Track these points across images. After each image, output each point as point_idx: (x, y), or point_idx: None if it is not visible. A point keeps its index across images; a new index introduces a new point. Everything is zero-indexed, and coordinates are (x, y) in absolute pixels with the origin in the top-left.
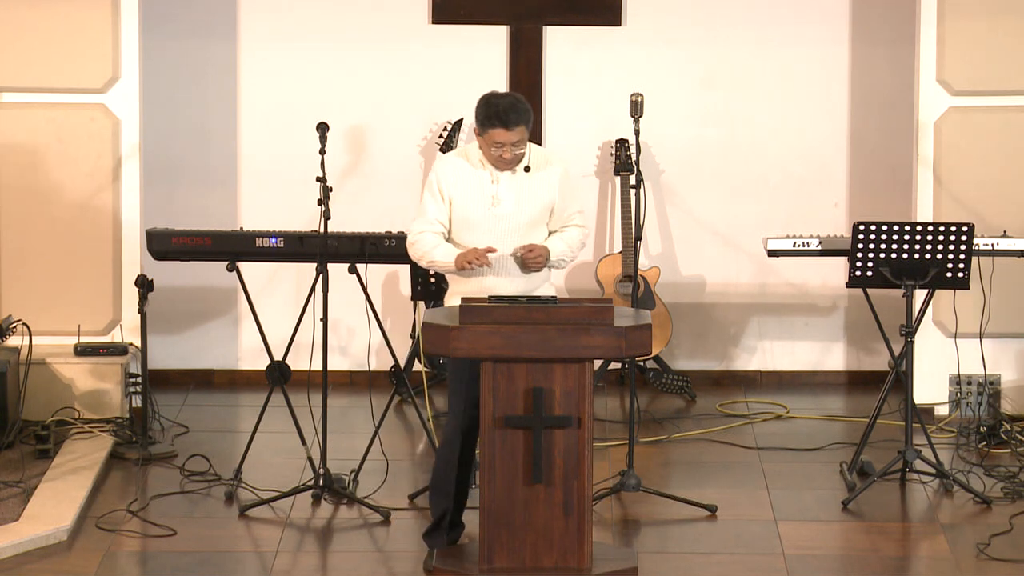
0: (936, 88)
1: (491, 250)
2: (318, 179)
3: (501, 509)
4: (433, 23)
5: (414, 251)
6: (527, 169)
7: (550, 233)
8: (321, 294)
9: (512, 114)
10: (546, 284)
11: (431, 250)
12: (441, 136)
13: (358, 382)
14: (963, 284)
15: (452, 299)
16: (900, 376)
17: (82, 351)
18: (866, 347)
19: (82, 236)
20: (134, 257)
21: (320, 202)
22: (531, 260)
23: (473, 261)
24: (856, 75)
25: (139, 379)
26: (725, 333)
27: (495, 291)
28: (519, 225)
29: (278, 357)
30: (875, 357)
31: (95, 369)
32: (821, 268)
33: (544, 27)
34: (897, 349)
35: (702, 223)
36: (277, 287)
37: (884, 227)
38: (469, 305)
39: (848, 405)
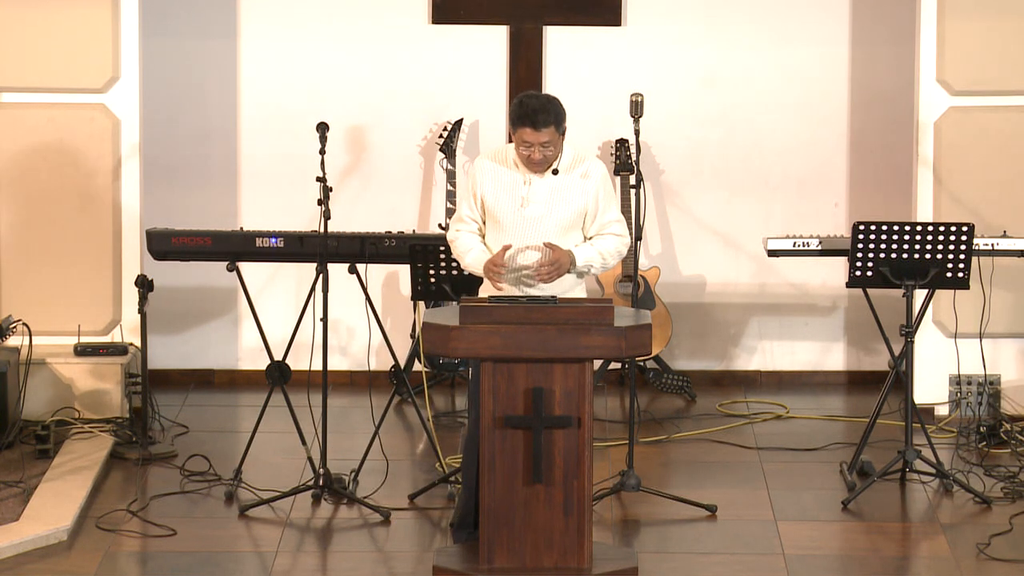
0: (936, 88)
1: (506, 247)
2: (318, 179)
3: (501, 509)
4: (433, 23)
5: (452, 249)
6: (555, 172)
7: (586, 239)
8: (321, 294)
9: (541, 115)
10: (578, 287)
11: (464, 254)
12: (441, 136)
13: (358, 382)
14: (963, 284)
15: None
16: (900, 376)
17: (82, 351)
18: (866, 347)
19: (82, 236)
20: (134, 257)
21: (320, 202)
22: (543, 273)
23: (492, 269)
24: (856, 75)
25: (139, 379)
26: (725, 333)
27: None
28: (549, 229)
29: (278, 357)
30: (875, 357)
31: (95, 369)
32: (821, 268)
33: (544, 27)
34: (897, 349)
35: (702, 223)
36: (277, 287)
37: (884, 227)
38: (469, 305)
39: (848, 405)
